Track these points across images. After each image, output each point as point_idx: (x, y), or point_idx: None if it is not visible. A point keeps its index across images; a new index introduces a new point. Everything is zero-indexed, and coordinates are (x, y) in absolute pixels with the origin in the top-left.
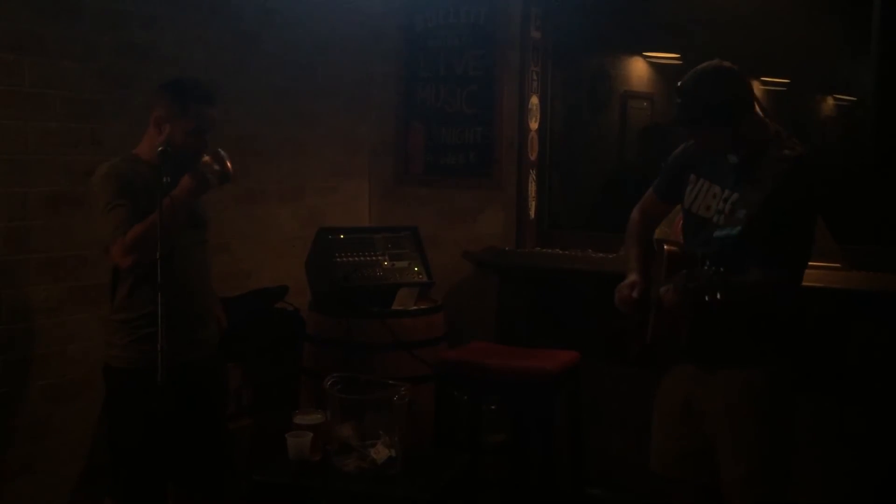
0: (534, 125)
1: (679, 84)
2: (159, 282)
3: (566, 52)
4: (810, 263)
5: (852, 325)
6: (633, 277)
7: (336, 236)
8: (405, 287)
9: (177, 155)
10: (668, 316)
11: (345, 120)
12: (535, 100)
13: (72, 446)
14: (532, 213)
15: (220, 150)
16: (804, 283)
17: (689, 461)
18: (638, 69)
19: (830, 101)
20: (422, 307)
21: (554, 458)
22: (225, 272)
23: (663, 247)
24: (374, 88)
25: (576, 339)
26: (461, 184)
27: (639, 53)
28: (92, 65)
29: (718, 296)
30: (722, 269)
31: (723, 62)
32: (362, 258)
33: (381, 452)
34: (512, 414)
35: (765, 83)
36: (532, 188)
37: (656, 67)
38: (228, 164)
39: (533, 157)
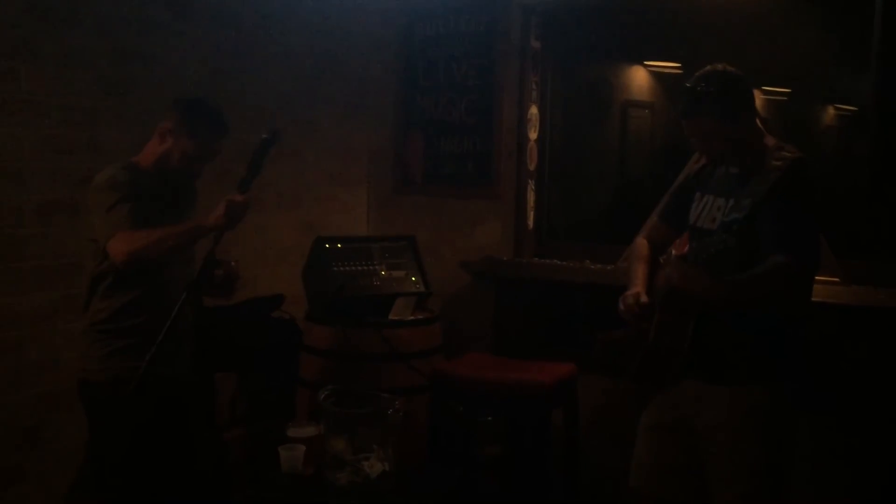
0: (533, 135)
1: (687, 81)
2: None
3: (566, 61)
4: None
5: (849, 341)
6: (637, 288)
7: (333, 245)
8: (402, 297)
9: (169, 173)
10: (673, 318)
11: (344, 128)
12: (534, 109)
13: (64, 455)
14: (530, 224)
15: (232, 262)
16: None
17: (672, 477)
18: (638, 78)
19: (831, 110)
20: (419, 317)
21: (550, 472)
22: None
23: (671, 252)
24: (373, 97)
25: (573, 352)
26: (460, 193)
27: (639, 62)
28: (89, 72)
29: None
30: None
31: (729, 66)
32: (359, 267)
33: (374, 467)
34: (508, 426)
35: (766, 92)
36: (531, 198)
37: (657, 76)
38: (236, 270)
39: (532, 167)
